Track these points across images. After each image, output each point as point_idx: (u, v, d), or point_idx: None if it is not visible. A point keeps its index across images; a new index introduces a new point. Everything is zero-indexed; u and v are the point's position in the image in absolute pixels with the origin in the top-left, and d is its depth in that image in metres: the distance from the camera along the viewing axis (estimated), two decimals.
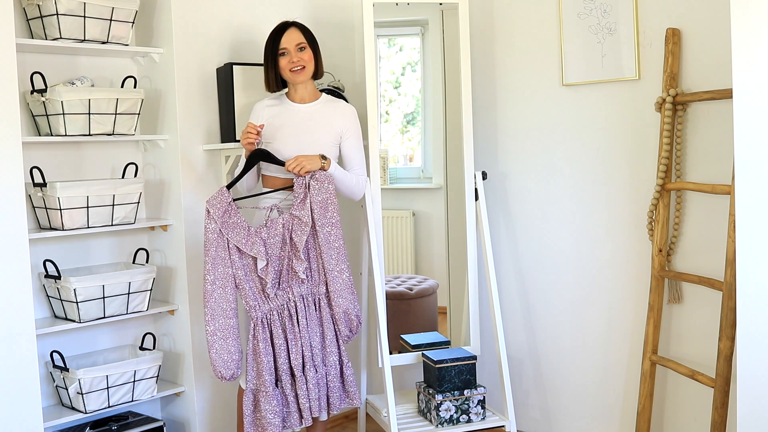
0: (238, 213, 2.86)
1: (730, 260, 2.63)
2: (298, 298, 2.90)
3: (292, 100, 3.05)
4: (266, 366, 2.84)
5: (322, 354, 2.94)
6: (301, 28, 3.00)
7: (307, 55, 2.98)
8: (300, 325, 2.89)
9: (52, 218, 2.91)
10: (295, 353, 2.87)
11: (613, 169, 3.18)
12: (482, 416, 3.22)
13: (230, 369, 2.82)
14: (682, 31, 2.93)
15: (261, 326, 2.85)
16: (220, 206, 2.83)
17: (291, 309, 2.90)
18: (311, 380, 2.88)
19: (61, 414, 2.94)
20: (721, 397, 2.70)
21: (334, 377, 2.96)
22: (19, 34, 2.87)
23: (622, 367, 3.21)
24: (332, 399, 2.96)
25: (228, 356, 2.81)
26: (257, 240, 2.84)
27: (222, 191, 2.85)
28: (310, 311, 2.92)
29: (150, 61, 3.24)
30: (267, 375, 2.84)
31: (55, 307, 3.03)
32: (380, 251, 3.26)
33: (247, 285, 2.85)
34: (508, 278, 3.54)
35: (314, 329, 2.92)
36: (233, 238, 2.83)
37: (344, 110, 3.05)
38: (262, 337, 2.85)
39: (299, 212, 2.85)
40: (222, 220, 2.82)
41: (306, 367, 2.89)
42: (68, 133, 2.90)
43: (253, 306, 2.85)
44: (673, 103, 2.89)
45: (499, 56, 3.49)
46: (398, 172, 3.93)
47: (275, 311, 2.88)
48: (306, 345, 2.89)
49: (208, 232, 2.82)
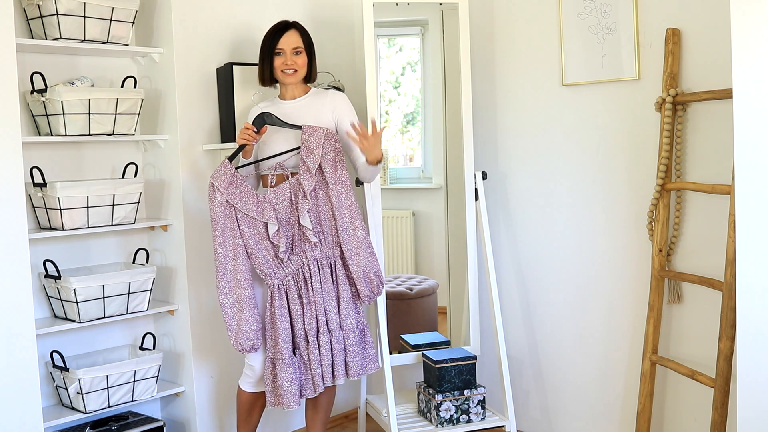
0: (244, 182, 2.88)
1: (730, 260, 2.63)
2: (312, 262, 2.89)
3: (283, 98, 3.06)
4: (282, 333, 2.84)
5: (338, 318, 2.91)
6: (300, 31, 3.01)
7: (302, 60, 2.99)
8: (314, 289, 2.88)
9: (52, 218, 2.91)
10: (309, 318, 2.87)
11: (613, 169, 3.18)
12: (482, 416, 3.22)
13: (250, 340, 2.83)
14: (682, 31, 2.93)
15: (278, 293, 2.86)
16: (224, 178, 2.84)
17: (306, 273, 2.89)
18: (323, 345, 2.87)
19: (61, 414, 2.94)
20: (721, 397, 2.70)
21: (353, 341, 2.93)
22: (19, 34, 2.87)
23: (622, 367, 3.21)
24: (352, 364, 2.92)
25: (246, 327, 2.82)
26: (266, 205, 2.85)
27: (224, 164, 2.86)
28: (325, 275, 2.91)
29: (150, 61, 3.24)
30: (283, 342, 2.84)
31: (55, 307, 3.03)
32: (380, 251, 3.26)
33: (259, 253, 2.86)
34: (508, 278, 3.54)
35: (329, 293, 2.91)
36: (242, 207, 2.84)
37: (333, 97, 3.05)
38: (279, 304, 2.85)
39: (307, 164, 2.86)
40: (228, 191, 2.84)
41: (319, 332, 2.87)
42: (68, 133, 2.90)
43: (268, 273, 2.86)
44: (673, 103, 2.89)
45: (499, 56, 3.49)
46: (398, 172, 3.93)
47: (291, 277, 2.88)
48: (320, 310, 2.88)
49: (215, 205, 2.83)
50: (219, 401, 3.35)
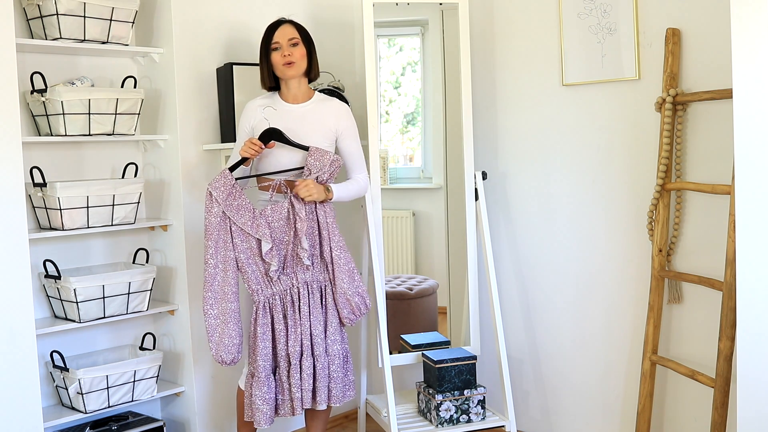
0: (243, 195, 2.86)
1: (730, 260, 2.63)
2: (302, 284, 2.89)
3: (285, 99, 3.02)
4: (261, 351, 2.84)
5: (324, 344, 2.91)
6: (295, 25, 3.00)
7: (299, 52, 2.95)
8: (302, 312, 2.88)
9: (52, 218, 2.91)
10: (294, 341, 2.87)
11: (613, 169, 3.18)
12: (482, 416, 3.22)
13: (231, 353, 2.82)
14: (682, 31, 2.93)
15: (263, 310, 2.86)
16: (223, 189, 2.81)
17: (294, 295, 2.89)
18: (305, 370, 2.87)
19: (61, 414, 2.94)
20: (721, 397, 2.70)
21: (338, 367, 2.93)
22: (19, 34, 2.87)
23: (622, 367, 3.21)
24: (334, 390, 2.93)
25: (229, 340, 2.81)
26: (262, 222, 2.83)
27: (224, 174, 2.84)
28: (315, 299, 2.91)
29: (150, 61, 3.24)
30: (261, 360, 2.84)
31: (55, 307, 3.03)
32: (380, 251, 3.26)
33: (249, 269, 2.85)
34: (508, 278, 3.54)
35: (317, 317, 2.90)
36: (238, 221, 2.82)
37: (338, 109, 3.03)
38: (262, 322, 2.85)
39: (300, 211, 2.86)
40: (227, 202, 2.82)
41: (303, 356, 2.87)
42: (68, 133, 2.90)
43: (255, 290, 2.86)
44: (673, 103, 2.89)
45: (499, 56, 3.49)
46: (398, 172, 3.93)
47: (278, 296, 2.88)
48: (306, 334, 2.88)
49: (211, 215, 2.81)
50: (219, 401, 3.35)
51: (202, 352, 3.27)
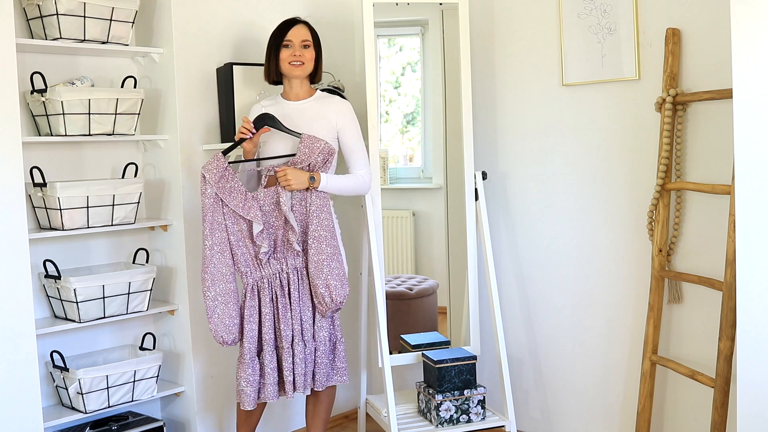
0: (235, 177, 2.88)
1: (730, 260, 2.63)
2: (292, 270, 2.91)
3: (287, 98, 3.07)
4: (248, 334, 2.86)
5: (312, 329, 2.94)
6: (309, 27, 3.04)
7: (309, 54, 3.00)
8: (292, 297, 2.90)
9: (52, 218, 2.91)
10: (285, 326, 2.88)
11: (613, 169, 3.18)
12: (482, 416, 3.22)
13: (232, 333, 2.85)
14: (682, 31, 2.93)
15: (251, 293, 2.88)
16: (216, 171, 2.84)
17: (283, 279, 2.91)
18: (298, 354, 2.89)
19: (61, 414, 2.94)
20: (721, 397, 2.70)
21: (323, 353, 2.96)
22: (19, 34, 2.87)
23: (622, 367, 3.21)
24: (318, 375, 2.96)
25: (230, 320, 2.84)
26: (253, 204, 2.86)
27: (217, 156, 2.86)
28: (304, 285, 2.93)
29: (150, 61, 3.24)
30: (247, 343, 2.87)
31: (55, 307, 3.03)
32: (380, 251, 3.26)
33: (239, 251, 2.87)
34: (508, 278, 3.54)
35: (306, 303, 2.93)
36: (230, 203, 2.84)
37: (339, 105, 3.06)
38: (249, 305, 2.87)
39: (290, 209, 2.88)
40: (219, 185, 2.84)
41: (295, 341, 2.89)
42: (68, 133, 2.90)
43: (244, 272, 2.88)
44: (673, 103, 2.89)
45: (499, 56, 3.49)
46: (398, 172, 3.93)
47: (266, 279, 2.90)
48: (296, 318, 2.90)
49: (205, 197, 2.84)
50: (219, 401, 3.35)
51: (203, 352, 3.27)
